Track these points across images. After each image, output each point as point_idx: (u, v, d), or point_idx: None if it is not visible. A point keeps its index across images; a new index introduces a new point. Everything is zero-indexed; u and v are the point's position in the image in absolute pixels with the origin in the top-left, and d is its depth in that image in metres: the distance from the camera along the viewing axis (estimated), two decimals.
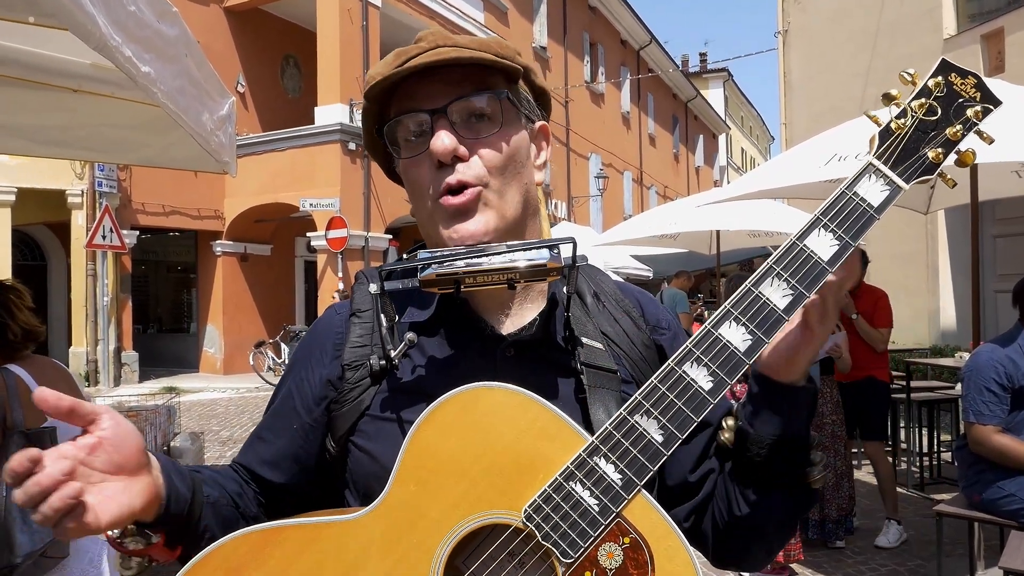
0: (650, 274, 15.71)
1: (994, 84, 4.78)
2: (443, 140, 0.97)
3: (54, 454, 0.78)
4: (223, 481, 1.05)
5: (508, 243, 0.97)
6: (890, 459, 5.77)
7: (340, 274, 14.47)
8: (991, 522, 3.73)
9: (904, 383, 6.68)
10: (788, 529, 1.02)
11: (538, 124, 1.11)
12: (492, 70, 1.01)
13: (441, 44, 1.02)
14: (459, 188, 0.99)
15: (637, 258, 14.69)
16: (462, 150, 0.99)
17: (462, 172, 0.99)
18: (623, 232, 9.74)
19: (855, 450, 6.42)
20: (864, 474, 6.82)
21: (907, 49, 10.61)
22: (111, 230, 12.31)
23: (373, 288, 0.98)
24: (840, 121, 5.16)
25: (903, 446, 6.97)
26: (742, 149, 52.43)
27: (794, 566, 4.72)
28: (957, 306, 10.34)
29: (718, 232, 8.61)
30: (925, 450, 6.89)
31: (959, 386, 6.42)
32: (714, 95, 43.68)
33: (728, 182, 39.25)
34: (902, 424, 6.99)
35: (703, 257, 11.03)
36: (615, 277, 1.21)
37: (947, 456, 7.19)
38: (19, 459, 0.75)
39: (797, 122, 12.86)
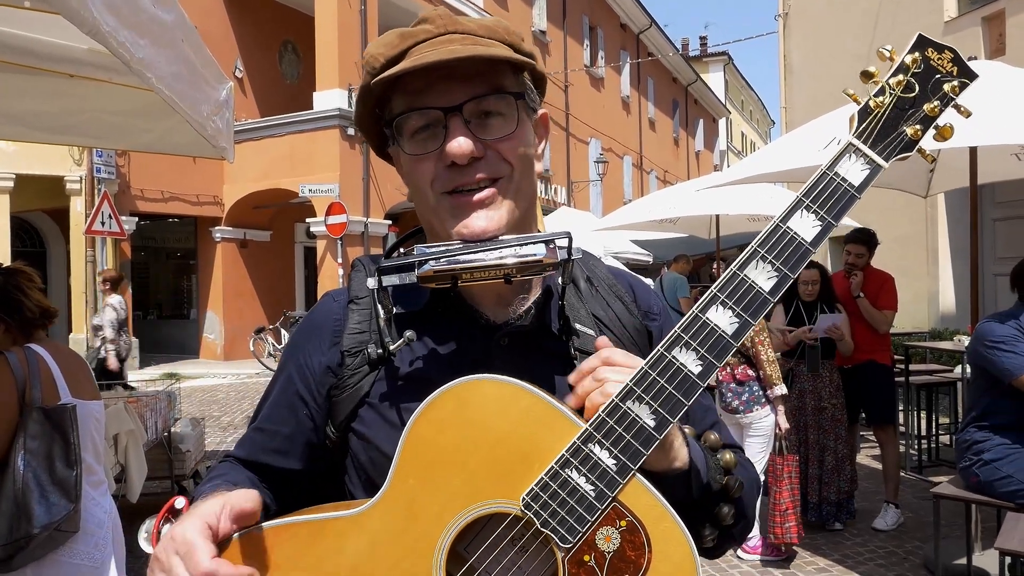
0: (650, 259, 15.69)
1: (995, 66, 4.73)
2: (460, 143, 0.95)
3: None
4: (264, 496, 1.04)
5: (504, 238, 0.97)
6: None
7: (340, 260, 14.46)
8: (988, 504, 3.75)
9: (903, 366, 6.70)
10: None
11: (539, 113, 1.10)
12: (502, 61, 0.99)
13: (451, 29, 1.00)
14: (473, 186, 0.98)
15: (637, 243, 14.66)
16: (478, 150, 0.97)
17: (477, 171, 0.98)
18: (623, 217, 9.71)
19: (862, 433, 6.44)
20: (862, 456, 6.85)
21: (908, 31, 10.42)
22: (110, 216, 12.27)
23: (371, 283, 0.98)
24: (840, 104, 5.10)
25: (902, 429, 7.01)
26: (742, 133, 52.22)
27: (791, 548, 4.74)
28: (956, 289, 10.34)
29: (718, 216, 8.59)
30: (923, 433, 6.92)
31: (958, 369, 6.43)
32: (714, 79, 43.45)
33: (728, 166, 39.12)
34: (901, 407, 7.02)
35: (703, 241, 11.01)
36: (615, 262, 1.20)
37: (945, 439, 7.22)
38: None
39: (797, 105, 12.80)
